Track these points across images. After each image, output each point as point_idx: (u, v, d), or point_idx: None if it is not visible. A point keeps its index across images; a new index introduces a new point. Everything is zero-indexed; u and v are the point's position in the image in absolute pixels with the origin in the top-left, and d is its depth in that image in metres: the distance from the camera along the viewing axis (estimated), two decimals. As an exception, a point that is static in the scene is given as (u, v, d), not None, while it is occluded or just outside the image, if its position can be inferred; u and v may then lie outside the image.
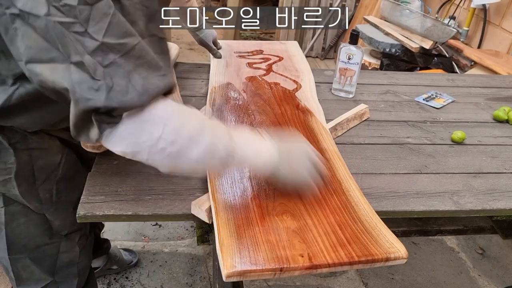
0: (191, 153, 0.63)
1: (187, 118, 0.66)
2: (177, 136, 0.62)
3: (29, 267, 0.97)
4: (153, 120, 0.61)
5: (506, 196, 0.93)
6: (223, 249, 0.67)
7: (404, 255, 0.69)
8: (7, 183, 0.84)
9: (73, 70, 0.56)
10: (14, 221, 0.89)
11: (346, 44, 1.26)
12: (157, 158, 0.63)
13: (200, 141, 0.64)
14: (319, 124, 1.04)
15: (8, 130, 0.80)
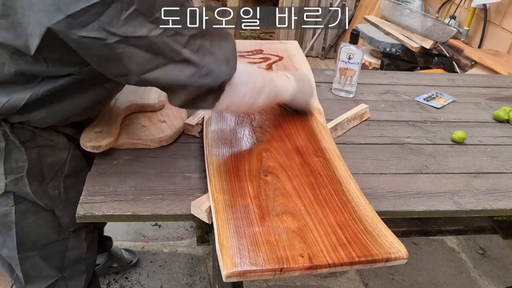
0: (259, 100, 0.85)
1: (255, 75, 0.85)
2: (253, 92, 0.83)
3: (38, 265, 0.98)
4: (240, 82, 0.79)
5: (506, 196, 0.93)
6: (223, 250, 0.66)
7: (404, 255, 0.69)
8: (18, 182, 0.86)
9: (182, 67, 0.69)
10: (25, 219, 0.90)
11: (346, 43, 1.25)
12: (241, 107, 0.89)
13: (264, 91, 0.85)
14: (319, 124, 1.03)
15: (18, 129, 0.82)
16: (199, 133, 1.04)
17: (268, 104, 0.94)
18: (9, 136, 0.82)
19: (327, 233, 0.72)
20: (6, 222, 0.90)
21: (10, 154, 0.83)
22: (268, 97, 0.87)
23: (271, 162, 0.88)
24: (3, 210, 0.88)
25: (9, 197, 0.87)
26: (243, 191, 0.80)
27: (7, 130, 0.81)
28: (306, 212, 0.76)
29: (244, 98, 0.81)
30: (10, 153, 0.83)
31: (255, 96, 0.84)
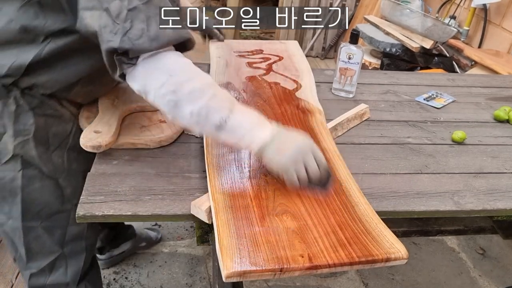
0: (187, 107, 0.73)
1: (194, 77, 0.75)
2: (178, 88, 0.72)
3: (41, 238, 1.01)
4: (162, 68, 0.73)
5: (506, 196, 0.93)
6: (223, 250, 0.66)
7: (404, 256, 0.69)
8: (25, 145, 0.91)
9: (102, 16, 0.69)
10: (30, 185, 0.94)
11: (347, 43, 1.25)
12: (159, 102, 0.75)
13: (197, 100, 0.73)
14: (319, 124, 1.03)
15: (28, 96, 0.88)
16: (199, 133, 1.04)
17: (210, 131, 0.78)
18: (19, 100, 0.88)
19: (327, 233, 0.72)
20: (13, 187, 0.93)
21: (19, 118, 0.89)
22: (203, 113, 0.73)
23: (271, 162, 0.88)
24: (11, 175, 0.92)
25: (17, 162, 0.92)
26: (243, 191, 0.80)
27: (18, 94, 0.87)
28: (306, 212, 0.76)
29: (161, 89, 0.73)
30: (19, 116, 0.89)
31: (179, 96, 0.73)
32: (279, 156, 0.78)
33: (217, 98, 0.76)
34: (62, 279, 1.08)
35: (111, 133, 0.92)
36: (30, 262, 1.04)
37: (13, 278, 1.62)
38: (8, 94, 0.87)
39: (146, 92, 0.75)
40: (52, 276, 1.07)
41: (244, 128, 0.77)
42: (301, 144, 0.80)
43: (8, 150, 0.91)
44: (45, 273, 1.06)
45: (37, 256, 1.03)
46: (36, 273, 1.06)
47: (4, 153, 0.91)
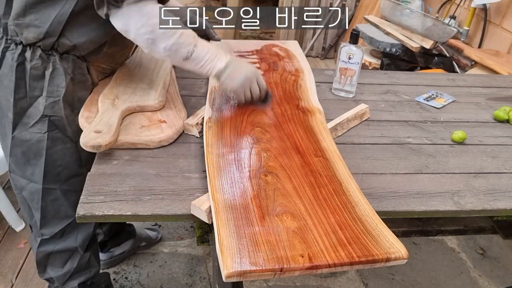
0: (162, 43, 0.93)
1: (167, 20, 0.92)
2: (154, 28, 0.91)
3: (58, 201, 1.10)
4: (142, 12, 0.90)
5: (506, 196, 0.93)
6: (223, 250, 0.66)
7: (404, 255, 0.69)
8: (55, 105, 1.01)
9: None
10: (54, 146, 1.04)
11: (347, 43, 1.25)
12: (139, 39, 0.93)
13: (170, 38, 0.93)
14: (319, 124, 1.03)
15: (64, 61, 1.00)
16: (199, 133, 1.04)
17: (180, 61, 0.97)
18: (57, 64, 0.99)
19: (327, 233, 0.72)
20: (38, 148, 1.03)
21: (54, 80, 0.99)
22: (174, 48, 0.93)
23: (271, 162, 0.88)
24: (38, 137, 1.02)
25: (44, 123, 1.01)
26: (243, 191, 0.80)
27: (57, 59, 0.98)
28: (306, 212, 0.76)
29: (141, 29, 0.91)
30: (54, 78, 0.99)
31: (155, 35, 0.91)
32: (231, 80, 1.01)
33: (184, 35, 0.95)
34: (72, 244, 1.18)
35: (111, 133, 0.92)
36: (43, 228, 1.13)
37: (13, 278, 1.62)
38: (48, 58, 0.98)
39: (127, 30, 0.92)
40: (62, 242, 1.17)
41: (205, 59, 0.97)
42: (248, 72, 1.04)
43: (39, 111, 1.00)
44: (56, 239, 1.16)
45: (52, 221, 1.13)
46: (48, 239, 1.16)
47: (33, 116, 1.01)
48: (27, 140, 1.03)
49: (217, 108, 1.07)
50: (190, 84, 1.31)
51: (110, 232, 1.61)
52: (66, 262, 1.21)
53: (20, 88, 0.99)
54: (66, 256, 1.21)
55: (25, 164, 1.06)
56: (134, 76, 1.19)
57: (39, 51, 0.97)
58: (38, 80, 0.99)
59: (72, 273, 1.23)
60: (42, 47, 0.97)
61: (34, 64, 0.97)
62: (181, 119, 1.06)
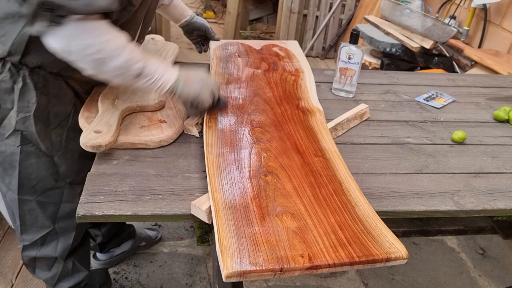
0: (112, 62, 0.84)
1: (114, 36, 0.85)
2: (103, 47, 0.82)
3: (34, 211, 1.09)
4: (87, 30, 0.80)
5: (506, 196, 0.93)
6: (223, 250, 0.66)
7: (404, 255, 0.69)
8: (26, 120, 0.98)
9: None
10: (27, 160, 1.02)
11: (347, 43, 1.25)
12: (84, 61, 0.84)
13: (120, 56, 0.84)
14: (319, 124, 1.03)
15: (35, 75, 0.96)
16: (199, 133, 1.04)
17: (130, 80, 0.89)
18: (27, 79, 0.95)
19: (327, 233, 0.72)
20: (12, 161, 1.02)
21: (24, 95, 0.96)
22: (125, 66, 0.85)
23: (271, 162, 0.88)
24: (11, 150, 1.01)
25: (17, 137, 1.00)
26: (243, 191, 0.80)
27: (26, 73, 0.95)
28: (306, 212, 0.76)
29: (87, 49, 0.81)
30: (24, 94, 0.96)
31: (105, 54, 0.83)
32: (189, 87, 0.95)
33: (134, 51, 0.87)
34: (51, 253, 1.17)
35: (111, 133, 0.92)
36: (23, 234, 1.13)
37: (13, 278, 1.62)
38: (18, 72, 0.95)
39: (69, 51, 0.82)
40: (43, 249, 1.16)
41: (157, 73, 0.91)
42: (200, 74, 0.99)
43: (11, 125, 0.99)
44: (37, 246, 1.15)
45: (30, 229, 1.12)
46: (29, 245, 1.15)
47: (7, 128, 0.99)
48: (3, 151, 1.02)
49: (217, 108, 1.07)
50: (190, 84, 1.31)
51: (109, 234, 1.61)
52: (51, 266, 1.22)
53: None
54: (50, 261, 1.21)
55: (3, 173, 1.06)
56: (134, 76, 1.19)
57: (9, 65, 0.94)
58: (8, 93, 0.97)
59: (59, 277, 1.24)
60: (11, 62, 0.94)
61: (3, 77, 0.95)
62: (181, 119, 1.06)
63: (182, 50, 3.60)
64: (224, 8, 4.94)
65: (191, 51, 3.61)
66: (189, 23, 1.35)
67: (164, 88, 0.92)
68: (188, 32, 1.38)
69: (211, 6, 5.10)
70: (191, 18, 1.35)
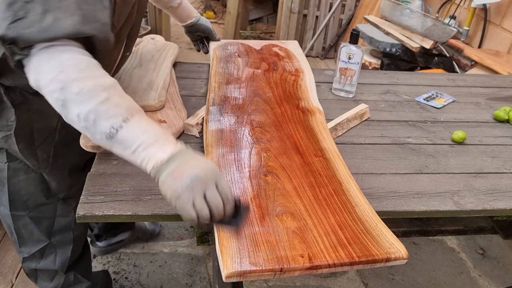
0: (74, 109, 0.66)
1: (87, 77, 0.67)
2: (66, 86, 0.65)
3: (29, 226, 1.06)
4: (54, 63, 0.66)
5: (506, 196, 0.93)
6: (223, 250, 0.66)
7: (404, 255, 0.69)
8: (8, 139, 0.93)
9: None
10: (15, 177, 0.99)
11: (347, 43, 1.25)
12: (49, 99, 0.68)
13: (85, 102, 0.65)
14: (319, 124, 1.03)
15: (12, 92, 0.88)
16: (199, 133, 1.04)
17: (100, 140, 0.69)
18: (3, 97, 0.88)
19: (327, 233, 0.72)
20: (1, 177, 0.99)
21: (2, 113, 0.90)
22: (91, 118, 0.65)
23: (271, 162, 0.88)
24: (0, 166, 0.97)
25: (3, 154, 0.96)
26: (243, 191, 0.80)
27: (1, 91, 0.87)
28: (306, 212, 0.76)
29: (50, 85, 0.66)
30: (2, 112, 0.90)
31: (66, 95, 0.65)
32: (171, 180, 0.65)
33: (110, 103, 0.66)
34: (51, 266, 1.15)
35: (111, 133, 0.92)
36: (22, 247, 1.11)
37: (13, 278, 1.62)
38: None
39: (39, 86, 0.68)
40: (43, 261, 1.14)
41: (139, 142, 0.66)
42: (201, 172, 0.65)
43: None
44: (36, 258, 1.13)
45: (28, 242, 1.10)
46: (28, 257, 1.13)
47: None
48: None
49: (217, 108, 1.07)
50: (190, 84, 1.31)
51: (105, 228, 1.65)
52: (53, 278, 1.20)
53: None
54: (51, 273, 1.19)
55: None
56: (134, 76, 1.19)
57: None
58: None
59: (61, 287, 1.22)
60: None
61: None
62: (181, 119, 1.06)
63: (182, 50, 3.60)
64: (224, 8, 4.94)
65: (191, 51, 3.61)
66: (194, 25, 1.35)
67: (144, 167, 0.68)
68: (191, 32, 1.38)
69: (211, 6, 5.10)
70: (196, 19, 1.35)
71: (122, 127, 0.66)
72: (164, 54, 1.36)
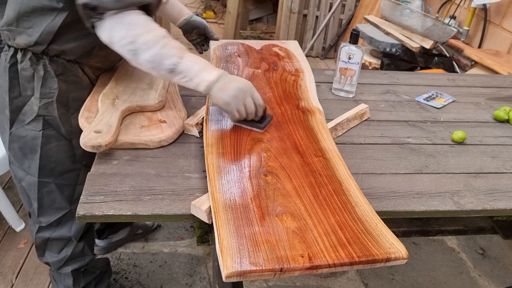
0: (143, 55, 0.88)
1: (149, 31, 0.89)
2: (135, 39, 0.87)
3: (53, 193, 1.15)
4: (123, 23, 0.87)
5: (506, 196, 0.93)
6: (223, 250, 0.66)
7: (404, 255, 0.69)
8: (49, 106, 1.05)
9: None
10: (48, 144, 1.08)
11: (347, 43, 1.25)
12: (122, 51, 0.90)
13: (151, 49, 0.88)
14: (319, 124, 1.03)
15: (54, 63, 1.02)
16: (199, 133, 1.04)
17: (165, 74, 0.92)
18: (47, 67, 1.02)
19: (327, 233, 0.72)
20: (33, 145, 1.08)
21: (46, 82, 1.03)
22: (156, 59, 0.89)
23: (271, 162, 0.88)
24: (33, 134, 1.07)
25: (39, 122, 1.06)
26: (243, 191, 0.80)
27: (47, 62, 1.01)
28: (306, 212, 0.76)
29: (122, 40, 0.87)
30: (46, 81, 1.03)
31: (136, 46, 0.87)
32: (222, 93, 0.92)
33: (168, 47, 0.90)
34: (66, 234, 1.23)
35: (111, 133, 0.92)
36: (40, 217, 1.19)
37: (13, 278, 1.62)
38: (38, 61, 1.01)
39: (111, 42, 0.89)
40: (58, 230, 1.22)
41: (193, 71, 0.91)
42: (241, 85, 0.94)
43: (33, 111, 1.05)
44: (52, 227, 1.21)
45: (48, 211, 1.18)
46: (45, 227, 1.21)
47: (29, 114, 1.05)
48: (23, 136, 1.07)
49: (217, 108, 1.07)
50: (190, 84, 1.31)
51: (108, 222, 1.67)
52: (62, 249, 1.27)
53: (14, 87, 1.04)
54: (62, 243, 1.26)
55: (23, 158, 1.11)
56: (134, 76, 1.19)
57: (30, 54, 1.01)
58: (29, 81, 1.03)
59: (66, 260, 1.29)
60: (32, 51, 1.00)
61: (23, 66, 1.01)
62: (181, 119, 1.06)
63: (182, 50, 3.60)
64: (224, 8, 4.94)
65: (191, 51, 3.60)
66: (187, 22, 1.35)
67: (199, 88, 0.93)
68: (188, 32, 1.38)
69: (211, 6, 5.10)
70: (189, 16, 1.35)
71: (180, 63, 0.90)
72: (164, 54, 1.36)
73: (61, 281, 1.34)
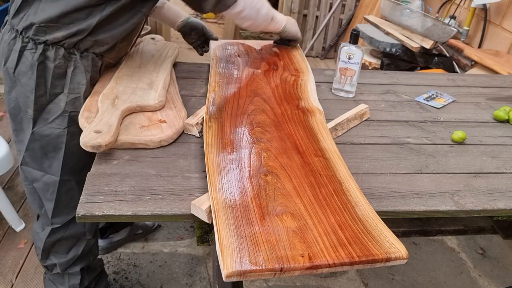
0: (262, 10, 1.19)
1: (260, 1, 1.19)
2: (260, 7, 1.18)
3: (72, 191, 1.17)
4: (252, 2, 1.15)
5: (506, 196, 0.93)
6: (223, 249, 0.66)
7: (404, 255, 0.69)
8: (75, 101, 1.07)
9: None
10: (72, 141, 1.10)
11: (347, 43, 1.25)
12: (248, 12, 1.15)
13: (264, 5, 1.19)
14: (319, 124, 1.03)
15: (84, 59, 1.06)
16: (199, 133, 1.04)
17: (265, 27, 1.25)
18: (78, 62, 1.05)
19: (327, 233, 0.72)
20: (58, 143, 1.09)
21: (75, 78, 1.06)
22: (267, 14, 1.21)
23: (271, 162, 0.88)
24: (57, 132, 1.08)
25: (64, 119, 1.08)
26: (243, 191, 0.80)
27: (78, 57, 1.04)
28: (306, 212, 0.76)
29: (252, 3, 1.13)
30: (75, 76, 1.06)
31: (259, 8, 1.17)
32: (293, 26, 1.36)
33: (269, 6, 1.22)
34: (80, 230, 1.25)
35: (111, 133, 0.92)
36: (55, 217, 1.20)
37: (13, 278, 1.62)
38: (70, 57, 1.04)
39: (242, 10, 1.13)
40: (71, 228, 1.24)
41: (278, 19, 1.28)
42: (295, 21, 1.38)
43: (60, 107, 1.06)
44: (65, 227, 1.23)
45: (64, 210, 1.19)
46: (58, 227, 1.22)
47: (54, 111, 1.07)
48: (47, 135, 1.08)
49: (217, 108, 1.07)
50: (190, 84, 1.31)
51: None
52: (70, 249, 1.28)
53: (40, 85, 1.04)
54: (72, 242, 1.27)
55: (42, 157, 1.11)
56: (134, 76, 1.19)
57: (62, 51, 1.02)
58: (60, 78, 1.04)
59: (76, 259, 1.29)
60: (65, 45, 1.02)
61: (58, 63, 1.03)
62: (181, 119, 1.06)
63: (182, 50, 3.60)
64: (224, 8, 4.93)
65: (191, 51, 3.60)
66: (185, 24, 1.36)
67: (280, 28, 1.31)
68: (187, 34, 1.39)
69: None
70: (186, 18, 1.36)
71: (275, 15, 1.26)
72: (164, 54, 1.36)
73: (64, 283, 1.33)
